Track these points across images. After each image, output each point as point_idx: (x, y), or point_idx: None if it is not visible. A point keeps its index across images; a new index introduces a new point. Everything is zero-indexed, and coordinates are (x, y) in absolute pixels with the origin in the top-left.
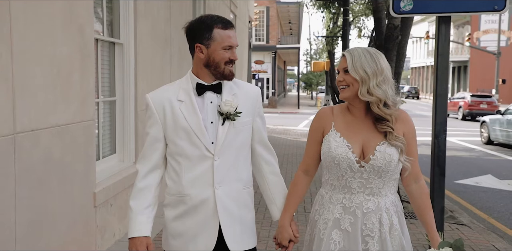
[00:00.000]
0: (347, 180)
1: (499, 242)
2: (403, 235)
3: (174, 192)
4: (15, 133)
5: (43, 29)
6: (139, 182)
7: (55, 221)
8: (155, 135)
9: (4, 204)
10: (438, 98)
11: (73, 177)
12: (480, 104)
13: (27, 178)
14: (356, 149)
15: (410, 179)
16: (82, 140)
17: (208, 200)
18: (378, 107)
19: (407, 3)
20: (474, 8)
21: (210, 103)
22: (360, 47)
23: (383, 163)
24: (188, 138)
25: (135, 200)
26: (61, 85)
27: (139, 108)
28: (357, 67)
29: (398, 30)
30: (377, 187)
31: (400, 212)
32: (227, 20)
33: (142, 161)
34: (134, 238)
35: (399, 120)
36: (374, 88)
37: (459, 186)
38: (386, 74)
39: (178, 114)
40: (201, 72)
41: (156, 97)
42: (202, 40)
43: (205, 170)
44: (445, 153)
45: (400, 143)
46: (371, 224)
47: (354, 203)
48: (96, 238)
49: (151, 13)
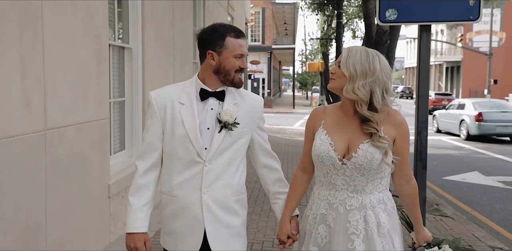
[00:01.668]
0: (332, 177)
1: (478, 231)
2: (395, 234)
3: (165, 191)
4: (46, 129)
5: (67, 37)
6: (139, 178)
7: (77, 209)
8: (156, 134)
9: (38, 192)
10: (420, 99)
11: (91, 170)
12: (442, 101)
13: (55, 170)
14: (341, 146)
15: (402, 180)
16: (98, 137)
17: (194, 203)
18: (361, 107)
19: (392, 13)
20: (452, 17)
21: (211, 110)
22: (362, 47)
23: (364, 161)
24: (181, 141)
25: (135, 197)
26: (81, 87)
27: (146, 107)
28: (349, 64)
29: (387, 35)
30: (360, 184)
31: (391, 210)
32: (239, 29)
33: (142, 158)
34: (133, 233)
35: (392, 122)
36: (359, 88)
37: (446, 182)
38: (379, 77)
39: (177, 116)
40: (208, 78)
41: (159, 96)
42: (214, 47)
43: (194, 174)
44: (427, 148)
45: (384, 145)
46: (355, 222)
47: (338, 199)
48: (110, 226)
49: (156, 19)
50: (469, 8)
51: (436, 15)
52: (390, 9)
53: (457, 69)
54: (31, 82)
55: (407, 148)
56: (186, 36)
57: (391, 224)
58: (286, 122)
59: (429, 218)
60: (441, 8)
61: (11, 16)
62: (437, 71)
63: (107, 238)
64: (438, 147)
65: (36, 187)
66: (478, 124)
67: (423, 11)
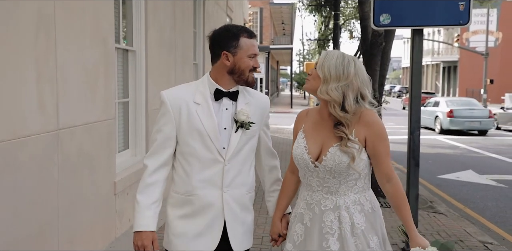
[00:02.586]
0: (308, 178)
1: (470, 227)
2: (372, 234)
3: (182, 191)
4: (58, 129)
5: (77, 41)
6: (147, 177)
7: (85, 205)
8: (168, 133)
9: (51, 189)
10: (413, 99)
11: (98, 168)
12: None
13: (66, 168)
14: (315, 149)
15: (382, 179)
16: (105, 136)
17: (215, 203)
18: (334, 108)
19: (385, 18)
20: (443, 22)
21: (226, 110)
22: (340, 51)
23: (333, 164)
24: (202, 141)
25: (143, 195)
26: (90, 88)
27: (149, 108)
28: (324, 67)
29: (382, 37)
30: (334, 186)
31: (369, 211)
32: (251, 30)
33: (152, 157)
34: (141, 232)
35: (362, 123)
36: (332, 90)
37: (441, 180)
38: (353, 81)
39: (194, 116)
40: (221, 78)
41: (173, 96)
42: (229, 48)
43: (215, 173)
44: (419, 147)
45: (351, 150)
46: (329, 222)
47: (314, 200)
48: (116, 222)
49: (159, 22)
50: (459, 13)
51: (427, 19)
52: (384, 14)
53: (454, 69)
54: (45, 84)
55: (383, 148)
56: (186, 38)
57: (369, 224)
58: (284, 122)
59: (423, 215)
60: (433, 13)
61: (27, 22)
62: (434, 71)
63: (113, 233)
64: (433, 146)
65: (49, 184)
66: (450, 119)
67: (415, 16)
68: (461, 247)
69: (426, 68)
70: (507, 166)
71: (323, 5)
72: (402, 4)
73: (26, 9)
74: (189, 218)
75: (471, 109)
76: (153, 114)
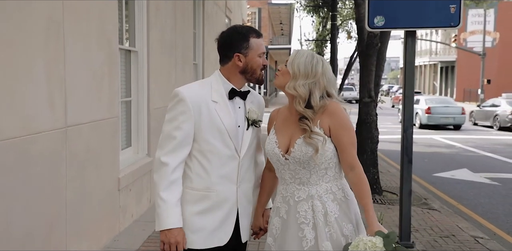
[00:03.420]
0: (281, 172)
1: (462, 222)
2: (346, 222)
3: (200, 187)
4: (66, 126)
5: (84, 43)
6: (170, 174)
7: (91, 200)
8: (188, 131)
9: (60, 183)
10: (406, 99)
11: (104, 164)
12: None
13: (73, 164)
14: (284, 143)
15: (346, 167)
16: (110, 134)
17: (231, 197)
18: (298, 103)
19: (379, 20)
20: (435, 24)
21: (239, 108)
22: (311, 51)
23: (301, 154)
24: (221, 138)
25: (168, 192)
26: (95, 87)
27: (151, 107)
28: (294, 64)
29: (378, 38)
30: (305, 177)
31: (342, 199)
32: (257, 30)
33: (172, 155)
34: (171, 229)
35: (326, 113)
36: (299, 86)
37: (436, 178)
38: (319, 81)
39: (214, 114)
40: (234, 77)
41: (192, 94)
42: (240, 49)
43: (232, 169)
44: (412, 144)
45: (314, 141)
46: (304, 212)
47: (289, 193)
48: (119, 217)
49: (160, 23)
50: (451, 16)
51: (420, 22)
52: (378, 16)
53: (452, 69)
54: (54, 84)
55: (346, 137)
56: (186, 39)
57: (342, 212)
58: None
59: (417, 211)
60: (425, 16)
61: (38, 27)
62: (432, 71)
63: (117, 228)
64: (430, 145)
65: (58, 179)
66: (427, 116)
67: (408, 18)
68: (453, 242)
69: (424, 68)
70: (502, 164)
71: (321, 6)
72: (396, 7)
73: (38, 14)
74: (206, 213)
75: (446, 106)
76: (155, 113)
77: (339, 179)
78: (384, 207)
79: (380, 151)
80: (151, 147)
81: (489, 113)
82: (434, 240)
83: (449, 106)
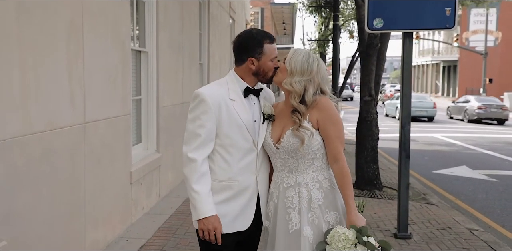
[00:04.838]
0: (274, 160)
1: (459, 216)
2: (330, 209)
3: (223, 178)
4: (85, 122)
5: (101, 45)
6: (199, 168)
7: (106, 192)
8: (211, 128)
9: (79, 175)
10: (404, 97)
11: (117, 158)
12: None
13: (91, 157)
14: (277, 133)
15: (331, 160)
16: (123, 130)
17: (251, 185)
18: (294, 98)
19: (378, 22)
20: (431, 26)
21: (253, 104)
22: (308, 51)
23: (289, 144)
24: (241, 133)
25: (200, 184)
26: (110, 86)
27: (160, 105)
28: (292, 61)
29: (378, 39)
30: (293, 165)
31: (328, 188)
32: (272, 35)
33: (199, 150)
34: (208, 217)
35: (316, 107)
36: (295, 82)
37: (435, 175)
38: (314, 78)
39: (232, 111)
40: (247, 77)
41: (212, 94)
42: (254, 54)
43: (251, 160)
44: (410, 140)
45: (301, 134)
46: (290, 197)
47: (279, 179)
48: (131, 209)
49: (169, 25)
50: (446, 18)
51: (417, 23)
52: (377, 18)
53: (454, 68)
54: (75, 83)
55: (333, 131)
56: (193, 39)
57: (327, 200)
58: None
59: (415, 205)
60: (422, 18)
61: (61, 30)
62: (434, 70)
63: (129, 219)
64: (431, 144)
65: (78, 171)
66: None
67: (406, 20)
68: (449, 233)
69: (426, 68)
70: (500, 162)
71: (323, 6)
72: (394, 10)
73: (60, 19)
74: (229, 201)
75: (420, 101)
76: (164, 111)
77: (326, 170)
78: (384, 201)
79: (382, 149)
80: (160, 143)
81: (461, 108)
82: (431, 232)
83: (423, 101)
